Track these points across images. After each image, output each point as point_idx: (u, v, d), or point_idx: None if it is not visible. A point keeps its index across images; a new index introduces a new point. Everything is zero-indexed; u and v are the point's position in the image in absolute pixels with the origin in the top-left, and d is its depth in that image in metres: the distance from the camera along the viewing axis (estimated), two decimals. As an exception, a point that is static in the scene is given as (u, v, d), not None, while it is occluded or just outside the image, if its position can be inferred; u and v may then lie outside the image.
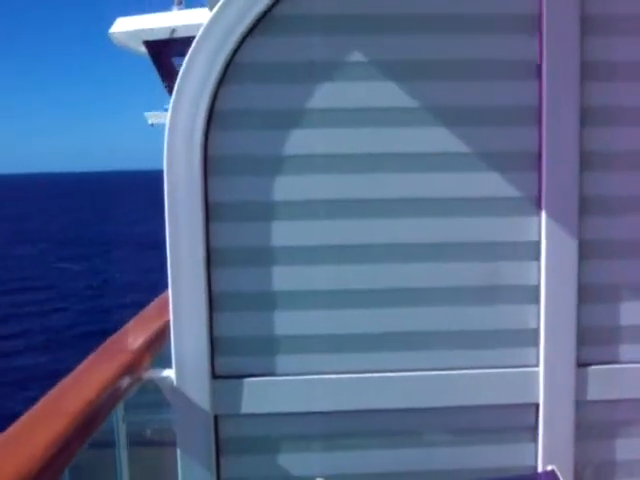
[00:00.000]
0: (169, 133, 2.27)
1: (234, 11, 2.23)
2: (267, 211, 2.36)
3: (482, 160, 2.40)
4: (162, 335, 2.53)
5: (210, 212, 2.33)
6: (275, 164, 2.34)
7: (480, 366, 2.48)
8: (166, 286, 2.38)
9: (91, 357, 2.30)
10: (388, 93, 2.35)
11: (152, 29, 19.79)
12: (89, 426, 1.83)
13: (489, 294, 2.47)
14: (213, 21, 2.24)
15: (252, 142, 2.33)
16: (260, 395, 2.42)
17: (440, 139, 2.38)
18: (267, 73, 2.31)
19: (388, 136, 2.38)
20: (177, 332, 2.35)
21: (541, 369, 2.47)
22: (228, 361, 2.42)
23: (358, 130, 2.36)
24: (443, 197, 2.43)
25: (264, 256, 2.39)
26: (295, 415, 2.46)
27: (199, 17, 19.65)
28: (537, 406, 2.50)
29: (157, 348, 2.53)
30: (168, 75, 20.47)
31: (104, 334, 2.78)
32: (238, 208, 2.36)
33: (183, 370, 2.37)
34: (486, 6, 2.36)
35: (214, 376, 2.39)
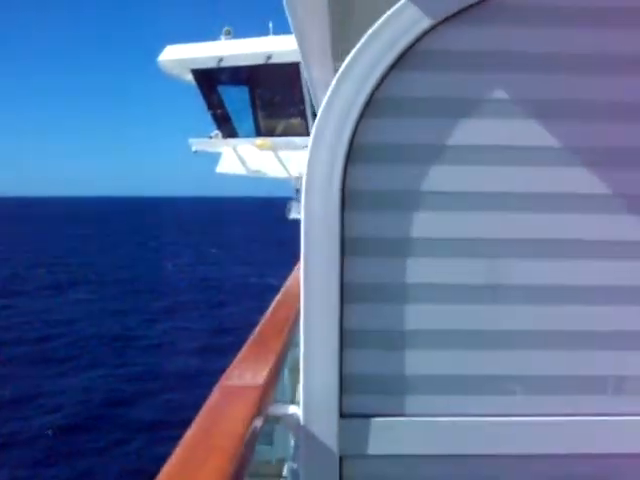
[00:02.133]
0: (309, 165, 2.30)
1: (378, 45, 2.25)
2: (401, 248, 2.35)
3: (630, 203, 2.37)
4: (280, 368, 2.59)
5: (345, 247, 2.32)
6: (413, 200, 2.33)
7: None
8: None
9: (218, 391, 2.32)
10: (529, 132, 2.33)
11: (200, 58, 20.09)
12: (243, 463, 1.81)
13: None
14: (357, 55, 2.26)
15: (391, 177, 2.33)
16: (388, 436, 2.38)
17: (583, 180, 2.35)
18: (408, 108, 2.31)
19: (526, 175, 2.35)
20: (307, 369, 2.33)
21: None
22: (356, 400, 2.38)
23: (498, 168, 2.34)
24: (586, 239, 2.38)
25: (396, 294, 2.36)
26: (424, 457, 2.40)
27: (246, 47, 19.97)
28: None
29: (276, 382, 2.56)
30: (213, 103, 20.74)
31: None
32: (373, 244, 2.35)
33: (311, 408, 2.34)
34: (634, 46, 2.32)
35: (341, 415, 2.35)
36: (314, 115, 20.49)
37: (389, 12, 2.27)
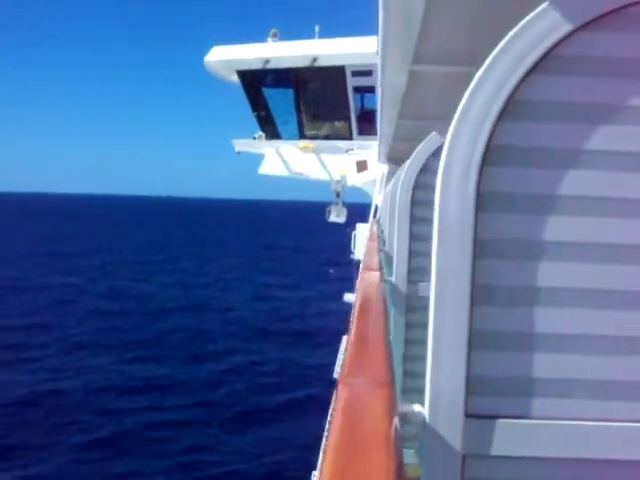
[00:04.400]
0: (445, 166, 2.30)
1: (517, 49, 2.29)
2: (534, 251, 2.36)
3: None
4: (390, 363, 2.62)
5: (477, 248, 2.34)
6: (548, 203, 2.35)
7: None
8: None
9: (346, 389, 2.30)
10: None
11: (246, 59, 20.22)
12: (401, 461, 1.81)
13: None
14: (496, 58, 2.30)
15: (526, 180, 2.34)
16: (512, 437, 2.40)
17: None
18: (545, 112, 2.33)
19: None
20: (435, 368, 2.37)
21: None
22: (482, 401, 2.40)
23: (634, 175, 2.34)
24: None
25: (527, 297, 2.38)
26: (547, 460, 2.41)
27: (292, 50, 20.05)
28: None
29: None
30: (258, 105, 20.87)
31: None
32: (506, 246, 2.37)
33: (437, 406, 2.38)
34: None
35: (466, 415, 2.38)
36: (359, 118, 20.50)
37: (528, 17, 2.30)
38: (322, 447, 1.91)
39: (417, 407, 2.45)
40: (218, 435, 24.15)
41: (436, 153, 5.52)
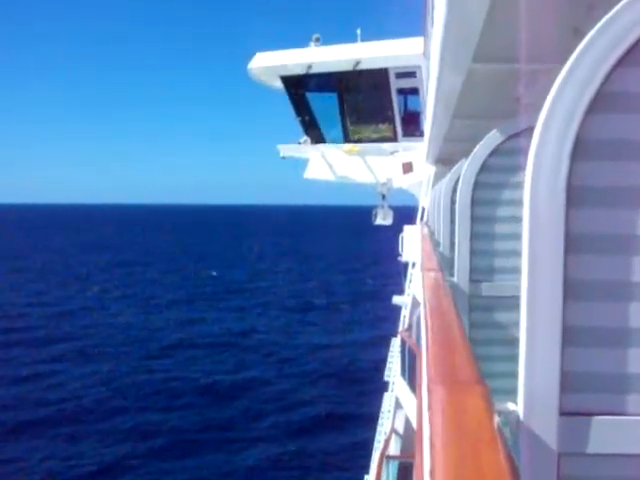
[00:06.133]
0: (534, 161, 2.28)
1: (606, 40, 2.25)
2: (628, 245, 2.31)
3: None
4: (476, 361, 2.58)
5: (569, 243, 2.31)
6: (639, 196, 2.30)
7: None
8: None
9: (441, 387, 2.29)
10: None
11: (289, 65, 20.31)
12: (512, 458, 1.81)
13: None
14: (583, 51, 2.26)
15: (617, 173, 2.29)
16: (608, 434, 2.36)
17: None
18: (636, 104, 2.29)
19: None
20: (528, 367, 2.35)
21: None
22: (576, 398, 2.37)
23: None
24: None
25: (621, 292, 2.33)
26: None
27: (335, 54, 20.08)
28: None
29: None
30: (302, 110, 20.93)
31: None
32: (598, 240, 2.32)
33: (531, 405, 2.35)
34: None
35: (561, 412, 2.35)
36: (403, 120, 20.42)
37: (616, 7, 2.25)
38: (417, 445, 1.87)
39: (511, 406, 2.45)
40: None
41: (495, 152, 5.45)
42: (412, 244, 16.91)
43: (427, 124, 10.94)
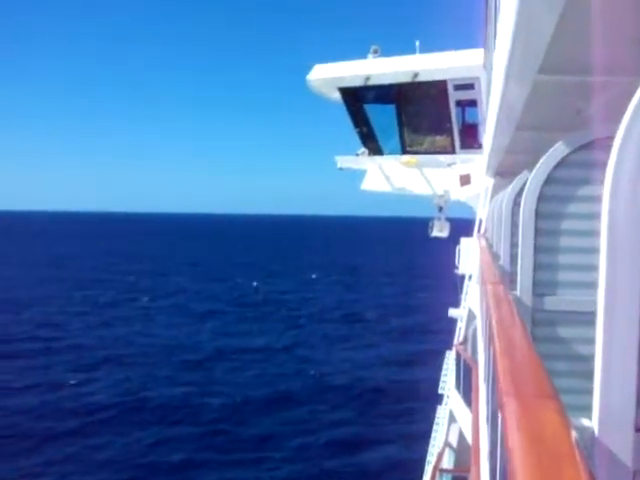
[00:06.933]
0: (615, 169, 2.24)
1: None
2: None
3: None
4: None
5: None
6: None
7: None
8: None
9: (514, 401, 2.20)
10: None
11: (347, 76, 20.37)
12: (592, 475, 1.80)
13: None
14: None
15: None
16: None
17: None
18: None
19: None
20: (604, 383, 2.33)
21: None
22: None
23: None
24: None
25: None
26: None
27: (393, 66, 20.07)
28: None
29: None
30: (360, 121, 20.98)
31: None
32: None
33: (606, 421, 2.34)
34: None
35: (637, 429, 2.33)
36: (461, 132, 20.27)
37: None
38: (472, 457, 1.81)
39: (586, 422, 2.42)
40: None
41: (561, 164, 5.39)
42: (469, 256, 16.78)
43: (487, 136, 10.83)
